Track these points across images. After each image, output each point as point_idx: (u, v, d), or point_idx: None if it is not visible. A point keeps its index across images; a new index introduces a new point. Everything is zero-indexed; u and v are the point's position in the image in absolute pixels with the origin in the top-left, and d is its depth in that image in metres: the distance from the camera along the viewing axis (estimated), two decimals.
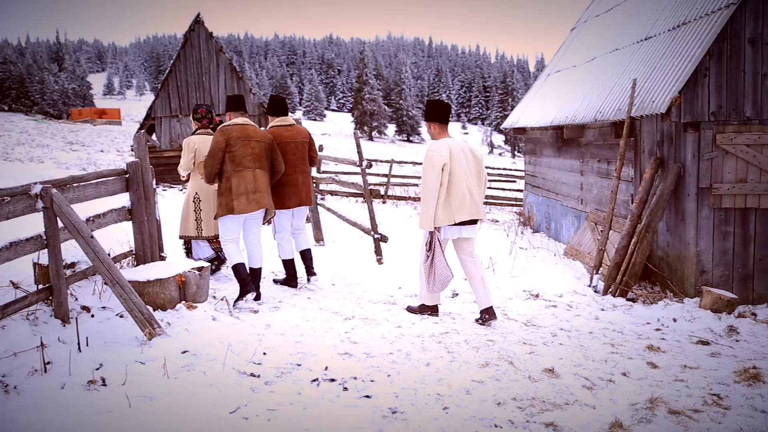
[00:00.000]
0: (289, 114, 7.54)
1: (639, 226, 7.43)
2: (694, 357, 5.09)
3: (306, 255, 7.37)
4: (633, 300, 7.22)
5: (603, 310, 6.68)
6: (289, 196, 6.96)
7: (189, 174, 7.18)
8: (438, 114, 6.04)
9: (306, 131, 7.31)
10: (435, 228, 5.84)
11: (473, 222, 6.00)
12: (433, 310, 6.24)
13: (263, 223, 6.76)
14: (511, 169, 24.36)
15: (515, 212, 17.93)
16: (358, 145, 9.20)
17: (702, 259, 7.10)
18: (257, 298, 6.46)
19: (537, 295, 7.22)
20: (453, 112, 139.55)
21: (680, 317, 6.34)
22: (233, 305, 6.05)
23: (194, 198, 7.05)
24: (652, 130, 7.84)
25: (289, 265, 7.22)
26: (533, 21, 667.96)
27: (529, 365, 4.73)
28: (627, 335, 5.71)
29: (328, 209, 11.04)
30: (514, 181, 23.23)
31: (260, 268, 6.63)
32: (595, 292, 7.55)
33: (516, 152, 78.05)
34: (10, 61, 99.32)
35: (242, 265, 6.41)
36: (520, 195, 22.29)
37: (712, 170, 7.02)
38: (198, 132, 7.23)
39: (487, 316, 5.96)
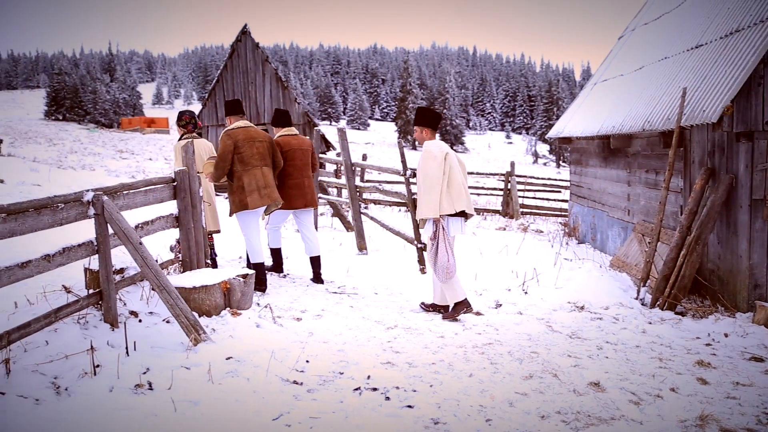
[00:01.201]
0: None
1: (688, 238, 7.25)
2: (747, 374, 4.93)
3: (315, 261, 7.91)
4: (682, 314, 7.04)
5: (650, 323, 6.53)
6: (296, 198, 7.60)
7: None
8: (431, 120, 6.45)
9: (308, 141, 7.99)
10: (440, 217, 6.13)
11: (465, 216, 6.37)
12: (466, 306, 6.33)
13: (264, 215, 7.47)
14: (555, 179, 24.07)
15: (560, 223, 17.71)
16: (402, 155, 9.21)
17: (755, 273, 6.88)
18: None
19: (582, 307, 7.10)
20: (497, 121, 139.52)
21: (732, 332, 6.15)
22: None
23: None
24: (702, 140, 7.66)
25: (276, 253, 8.11)
26: (579, 30, 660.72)
27: (574, 378, 4.65)
28: (675, 350, 5.57)
29: (372, 218, 11.07)
30: (559, 192, 22.94)
31: (263, 262, 7.26)
32: (642, 305, 7.39)
33: (561, 162, 77.14)
34: (64, 72, 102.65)
35: (263, 264, 7.20)
36: (564, 205, 22.00)
37: (767, 181, 6.81)
38: (185, 137, 7.65)
39: (464, 309, 6.33)
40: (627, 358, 5.25)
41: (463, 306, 6.29)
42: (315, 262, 7.86)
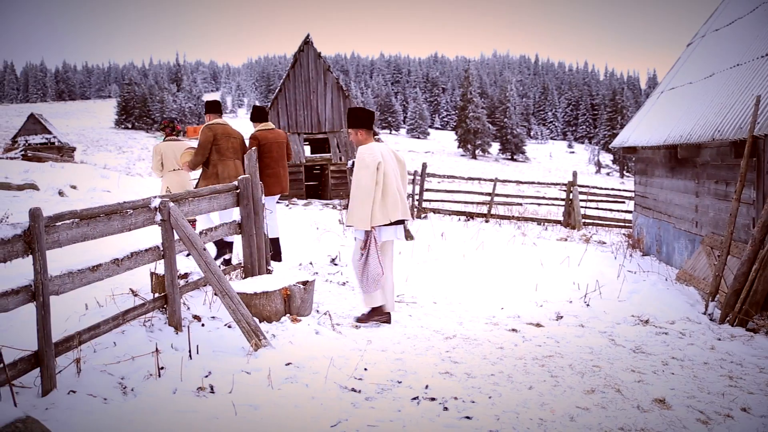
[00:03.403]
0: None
1: (761, 252, 6.97)
2: None
3: (275, 242, 8.57)
4: (754, 330, 6.76)
5: (719, 339, 6.30)
6: (273, 185, 8.50)
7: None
8: (364, 121, 6.25)
9: (283, 134, 8.89)
10: (372, 227, 5.96)
11: (401, 222, 6.24)
12: (381, 314, 6.24)
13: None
14: (619, 190, 23.54)
15: (623, 234, 17.29)
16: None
17: None
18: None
19: (646, 321, 6.90)
20: (558, 130, 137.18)
21: None
22: None
23: (166, 191, 8.96)
24: None
25: (275, 243, 8.58)
26: (645, 37, 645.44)
27: (638, 394, 4.51)
28: (747, 368, 5.35)
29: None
30: (623, 202, 22.42)
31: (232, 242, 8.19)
32: (710, 320, 7.13)
33: (625, 172, 75.44)
34: (134, 83, 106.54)
35: (231, 243, 8.20)
36: (628, 216, 21.50)
37: None
38: (166, 139, 9.08)
39: (384, 318, 6.26)
40: (694, 374, 5.07)
41: (378, 315, 6.23)
42: (274, 243, 8.56)
